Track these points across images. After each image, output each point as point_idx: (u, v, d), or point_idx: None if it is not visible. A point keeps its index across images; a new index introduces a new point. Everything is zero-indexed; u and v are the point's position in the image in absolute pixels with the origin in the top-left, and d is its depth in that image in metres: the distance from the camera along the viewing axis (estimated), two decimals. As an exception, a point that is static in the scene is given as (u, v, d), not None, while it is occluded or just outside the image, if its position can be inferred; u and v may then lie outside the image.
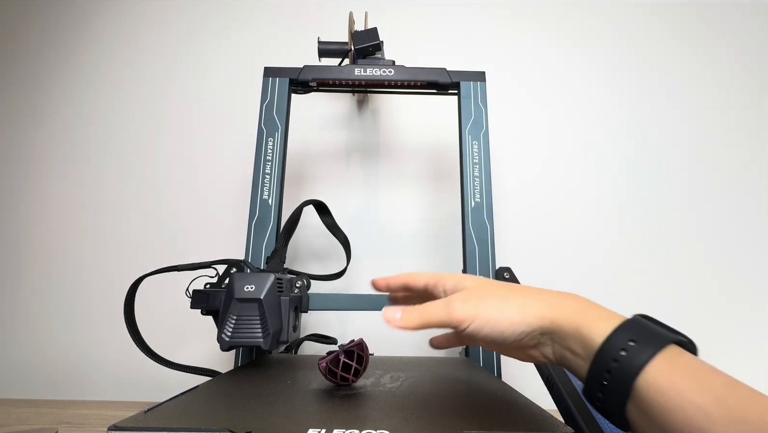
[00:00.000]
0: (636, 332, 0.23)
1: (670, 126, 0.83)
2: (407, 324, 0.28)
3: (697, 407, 0.20)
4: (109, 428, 0.21)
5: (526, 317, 0.26)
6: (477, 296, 0.27)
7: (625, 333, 0.23)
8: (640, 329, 0.23)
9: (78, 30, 0.89)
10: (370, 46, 0.63)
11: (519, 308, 0.26)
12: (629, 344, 0.22)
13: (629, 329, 0.23)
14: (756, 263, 0.78)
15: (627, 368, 0.22)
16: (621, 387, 0.22)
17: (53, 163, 0.83)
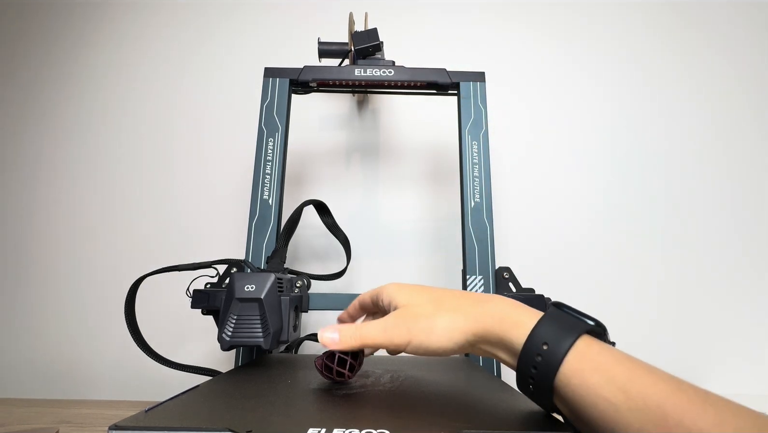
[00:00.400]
0: (548, 333, 0.24)
1: (671, 126, 0.83)
2: (345, 345, 0.30)
3: (605, 401, 0.21)
4: (110, 427, 0.21)
5: (453, 336, 0.27)
6: (407, 317, 0.29)
7: (539, 336, 0.25)
8: (551, 329, 0.25)
9: (86, 34, 0.89)
10: (370, 47, 0.63)
11: (445, 327, 0.28)
12: (543, 349, 0.24)
13: (542, 332, 0.25)
14: (757, 263, 0.78)
15: (545, 372, 0.24)
16: (544, 388, 0.24)
17: (53, 163, 0.83)
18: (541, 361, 0.24)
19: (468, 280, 0.54)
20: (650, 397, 0.20)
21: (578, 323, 0.25)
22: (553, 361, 0.23)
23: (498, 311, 0.27)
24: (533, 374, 0.24)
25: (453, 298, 0.30)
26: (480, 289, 0.53)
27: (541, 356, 0.24)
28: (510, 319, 0.27)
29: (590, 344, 0.24)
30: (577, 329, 0.24)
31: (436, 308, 0.29)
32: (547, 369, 0.24)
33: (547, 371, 0.24)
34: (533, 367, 0.24)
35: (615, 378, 0.22)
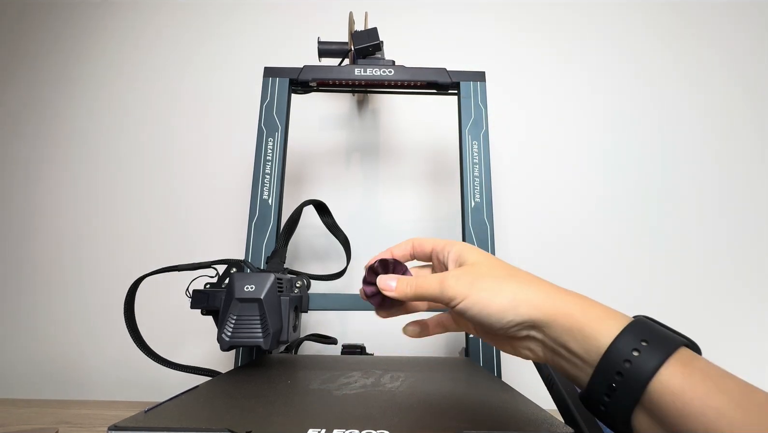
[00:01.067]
0: (646, 333, 0.21)
1: (671, 127, 0.83)
2: (402, 294, 0.28)
3: (716, 412, 0.18)
4: (110, 428, 0.21)
5: (518, 306, 0.24)
6: (473, 274, 0.26)
7: (635, 334, 0.21)
8: (649, 330, 0.22)
9: (86, 34, 0.89)
10: (370, 46, 0.63)
11: (512, 294, 0.24)
12: (642, 345, 0.21)
13: (638, 330, 0.22)
14: (758, 263, 0.78)
15: (640, 370, 0.20)
16: (632, 391, 0.20)
17: (53, 164, 0.83)
18: (630, 368, 0.21)
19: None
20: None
21: (675, 336, 0.22)
22: (648, 366, 0.20)
23: (581, 300, 0.24)
24: (616, 381, 0.21)
25: (531, 276, 0.26)
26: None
27: (629, 362, 0.21)
28: (595, 310, 0.23)
29: (693, 355, 0.21)
30: (674, 341, 0.21)
31: (509, 274, 0.26)
32: (637, 375, 0.20)
33: (637, 377, 0.20)
34: (617, 373, 0.21)
35: (728, 389, 0.19)
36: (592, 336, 0.22)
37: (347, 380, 0.36)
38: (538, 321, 0.24)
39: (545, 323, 0.24)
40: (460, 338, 0.73)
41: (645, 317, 0.23)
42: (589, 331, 0.23)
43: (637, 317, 0.23)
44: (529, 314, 0.24)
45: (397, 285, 0.28)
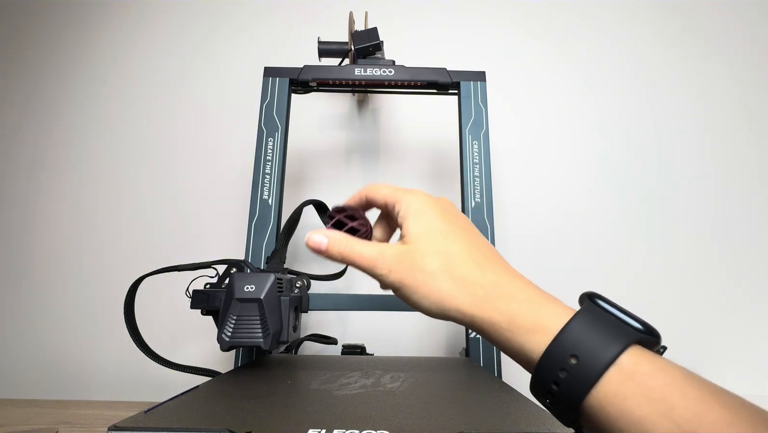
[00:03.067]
0: (579, 341, 0.19)
1: (671, 127, 0.83)
2: (330, 252, 0.25)
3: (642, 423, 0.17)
4: (110, 428, 0.21)
5: (447, 310, 0.23)
6: (411, 259, 0.24)
7: (566, 345, 0.19)
8: (584, 335, 0.19)
9: (86, 34, 0.89)
10: (370, 46, 0.63)
11: (440, 297, 0.23)
12: (570, 362, 0.19)
13: (571, 339, 0.19)
14: (754, 260, 0.78)
15: (569, 392, 0.19)
16: (566, 409, 0.19)
17: (53, 164, 0.83)
18: (566, 378, 0.19)
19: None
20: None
21: (623, 329, 0.19)
22: (584, 380, 0.18)
23: (510, 308, 0.21)
24: (553, 391, 0.19)
25: (470, 260, 0.23)
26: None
27: (566, 371, 0.19)
28: (525, 320, 0.21)
29: (639, 359, 0.18)
30: (621, 338, 0.19)
31: (444, 267, 0.23)
32: (572, 389, 0.18)
33: (572, 392, 0.18)
34: (554, 383, 0.19)
35: (674, 410, 0.17)
36: (521, 352, 0.21)
37: (347, 380, 0.36)
38: (467, 325, 0.23)
39: (473, 328, 0.23)
40: (460, 339, 0.73)
41: (590, 301, 0.21)
42: (517, 346, 0.21)
43: (579, 310, 0.20)
44: (457, 318, 0.23)
45: (328, 244, 0.26)
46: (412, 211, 0.26)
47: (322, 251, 0.26)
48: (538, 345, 0.20)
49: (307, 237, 0.26)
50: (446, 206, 0.26)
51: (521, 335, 0.21)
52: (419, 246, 0.24)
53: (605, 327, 0.19)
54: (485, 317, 0.22)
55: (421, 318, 0.74)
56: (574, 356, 0.19)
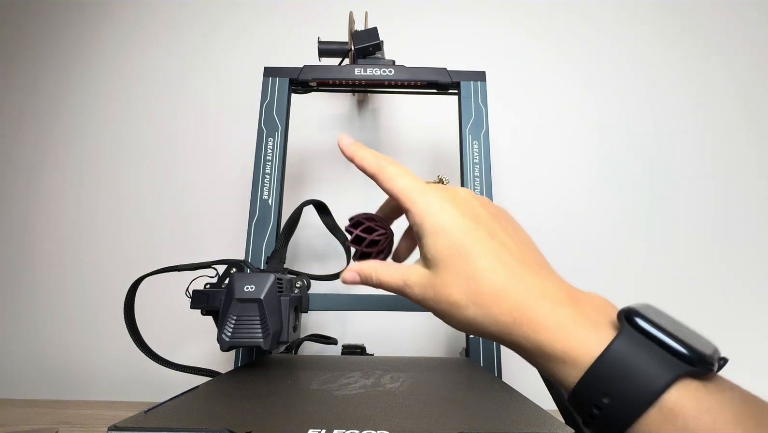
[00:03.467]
0: (614, 378, 0.17)
1: (671, 126, 0.83)
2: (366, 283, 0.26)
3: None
4: (109, 428, 0.21)
5: (477, 333, 0.22)
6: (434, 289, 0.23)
7: (598, 382, 0.17)
8: (621, 369, 0.17)
9: (86, 34, 0.89)
10: (370, 46, 0.63)
11: (470, 322, 0.22)
12: (603, 402, 0.17)
13: (604, 374, 0.17)
14: (761, 263, 0.78)
15: (603, 428, 0.17)
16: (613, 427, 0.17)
17: (54, 164, 0.83)
18: (600, 415, 0.17)
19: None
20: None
21: (667, 361, 0.17)
22: (617, 421, 0.16)
23: (537, 337, 0.19)
24: (588, 422, 0.18)
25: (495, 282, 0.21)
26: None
27: (599, 408, 0.17)
28: (553, 350, 0.19)
29: (685, 397, 0.16)
30: (663, 374, 0.16)
31: (468, 295, 0.21)
32: (606, 426, 0.17)
33: (606, 429, 0.17)
34: (589, 415, 0.17)
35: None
36: (555, 378, 0.19)
37: (347, 380, 0.36)
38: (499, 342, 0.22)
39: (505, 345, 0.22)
40: (460, 339, 0.73)
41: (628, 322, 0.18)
42: (549, 372, 0.20)
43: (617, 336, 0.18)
44: (487, 337, 0.22)
45: (361, 279, 0.26)
46: (428, 225, 0.23)
47: (359, 283, 0.27)
48: (569, 377, 0.18)
49: (342, 277, 0.27)
50: (469, 209, 0.23)
51: (551, 364, 0.19)
52: (440, 274, 0.22)
53: (645, 359, 0.17)
54: (514, 342, 0.21)
55: (421, 318, 0.74)
56: (607, 395, 0.17)
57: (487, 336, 0.22)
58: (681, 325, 0.19)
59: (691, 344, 0.17)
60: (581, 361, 0.18)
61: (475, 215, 0.23)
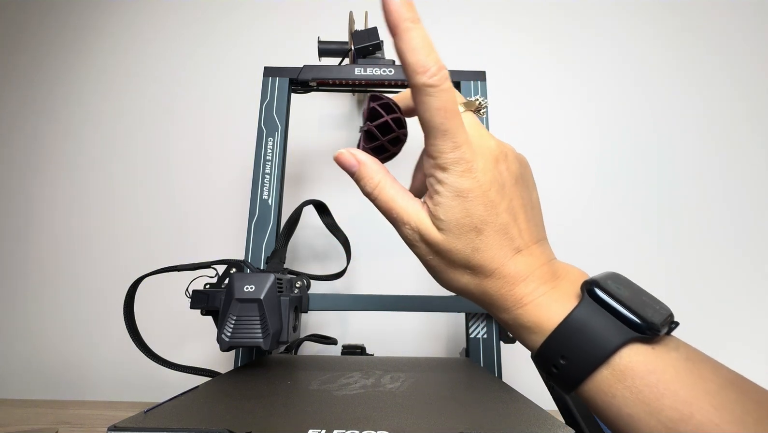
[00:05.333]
0: (570, 343, 0.19)
1: (672, 126, 0.83)
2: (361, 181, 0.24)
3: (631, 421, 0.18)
4: (109, 428, 0.21)
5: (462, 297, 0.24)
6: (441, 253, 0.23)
7: (556, 346, 0.20)
8: (576, 336, 0.19)
9: (83, 33, 0.88)
10: (370, 46, 0.63)
11: (461, 288, 0.24)
12: (560, 362, 0.20)
13: (560, 340, 0.20)
14: (755, 258, 0.78)
15: (562, 384, 0.20)
16: (562, 391, 0.21)
17: (53, 163, 0.83)
18: (557, 374, 0.20)
19: (468, 280, 0.54)
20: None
21: (617, 327, 0.19)
22: (571, 379, 0.19)
23: (517, 315, 0.22)
24: (552, 375, 0.21)
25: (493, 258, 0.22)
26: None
27: (556, 368, 0.20)
28: (528, 322, 0.22)
29: (634, 359, 0.19)
30: (613, 338, 0.19)
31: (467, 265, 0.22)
32: (562, 384, 0.20)
33: (562, 386, 0.20)
34: (548, 373, 0.21)
35: (662, 412, 0.17)
36: (528, 347, 0.23)
37: (347, 380, 0.36)
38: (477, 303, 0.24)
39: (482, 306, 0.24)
40: (460, 339, 0.73)
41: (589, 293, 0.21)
42: (524, 342, 0.23)
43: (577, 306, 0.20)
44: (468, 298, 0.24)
45: (360, 170, 0.24)
46: (453, 184, 0.22)
47: (353, 173, 0.24)
48: (535, 343, 0.21)
49: (338, 153, 0.24)
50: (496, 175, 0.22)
51: (523, 331, 0.22)
52: (449, 239, 0.22)
53: (599, 326, 0.19)
54: (494, 310, 0.23)
55: (421, 318, 0.74)
56: (564, 357, 0.20)
57: (468, 298, 0.24)
58: (640, 294, 0.21)
59: (641, 312, 0.19)
60: (545, 328, 0.21)
61: (501, 184, 0.23)
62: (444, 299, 0.52)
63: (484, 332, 0.52)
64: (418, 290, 0.76)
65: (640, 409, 0.18)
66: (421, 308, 0.53)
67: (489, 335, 0.52)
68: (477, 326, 0.52)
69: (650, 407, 0.18)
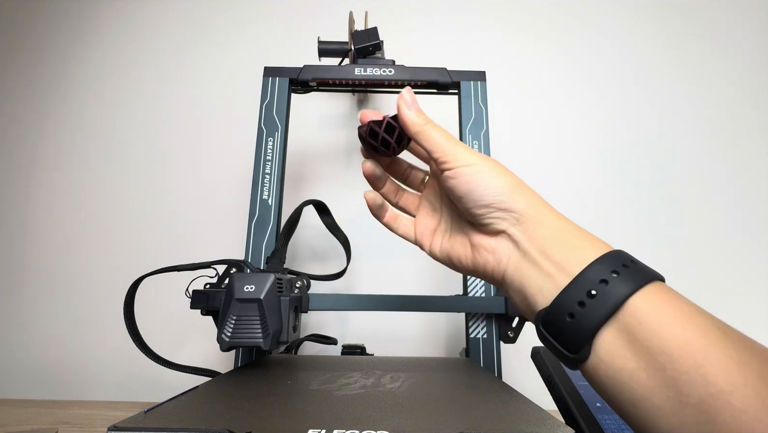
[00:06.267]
0: (627, 262, 0.22)
1: (673, 125, 0.83)
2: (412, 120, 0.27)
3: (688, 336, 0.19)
4: (109, 428, 0.21)
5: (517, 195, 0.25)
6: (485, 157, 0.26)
7: (617, 258, 0.22)
8: (630, 260, 0.22)
9: (81, 30, 0.88)
10: (370, 46, 0.63)
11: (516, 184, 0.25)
12: (623, 268, 0.21)
13: (621, 257, 0.22)
14: (762, 259, 0.78)
15: (596, 309, 0.21)
16: (607, 304, 0.20)
17: (53, 163, 0.83)
18: (594, 299, 0.21)
19: (468, 280, 0.54)
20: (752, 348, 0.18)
21: (651, 271, 0.22)
22: (622, 288, 0.20)
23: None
24: (592, 293, 0.21)
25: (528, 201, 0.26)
26: (481, 291, 0.53)
27: (596, 290, 0.21)
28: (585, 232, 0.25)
29: (669, 289, 0.21)
30: (653, 273, 0.21)
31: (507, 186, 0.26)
32: (614, 292, 0.20)
33: (614, 292, 0.20)
34: (579, 303, 0.21)
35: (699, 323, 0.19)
36: (581, 247, 0.23)
37: (347, 380, 0.36)
38: (530, 217, 0.25)
39: (538, 220, 0.24)
40: (460, 339, 0.73)
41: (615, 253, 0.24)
42: (579, 242, 0.24)
43: (604, 255, 0.23)
44: (524, 207, 0.25)
45: (412, 111, 0.28)
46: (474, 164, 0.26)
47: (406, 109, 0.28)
48: (596, 250, 0.23)
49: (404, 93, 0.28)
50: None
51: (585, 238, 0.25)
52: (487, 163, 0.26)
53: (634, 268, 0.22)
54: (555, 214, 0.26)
55: (421, 318, 0.74)
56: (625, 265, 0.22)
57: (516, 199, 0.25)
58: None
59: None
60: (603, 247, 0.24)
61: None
62: (444, 299, 0.52)
63: (484, 332, 0.52)
64: (418, 290, 0.76)
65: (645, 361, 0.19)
66: (421, 308, 0.53)
67: (489, 335, 0.52)
68: (477, 326, 0.52)
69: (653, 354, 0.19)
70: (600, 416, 0.34)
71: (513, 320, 0.52)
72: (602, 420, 0.34)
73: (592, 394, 0.36)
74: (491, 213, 0.25)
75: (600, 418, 0.34)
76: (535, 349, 0.43)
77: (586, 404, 0.35)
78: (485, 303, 0.52)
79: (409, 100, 0.28)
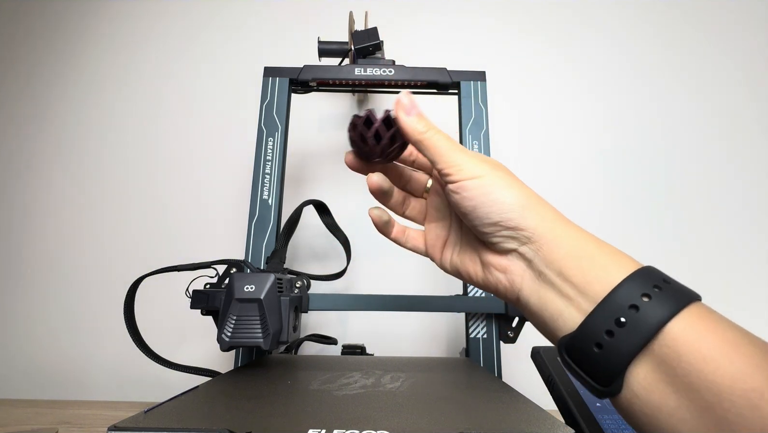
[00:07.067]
0: (659, 281, 0.19)
1: (674, 125, 0.83)
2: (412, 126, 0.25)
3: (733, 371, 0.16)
4: (109, 428, 0.21)
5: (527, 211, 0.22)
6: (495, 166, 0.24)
7: (648, 278, 0.19)
8: (662, 278, 0.20)
9: (78, 30, 0.89)
10: (370, 46, 0.63)
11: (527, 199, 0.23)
12: (654, 291, 0.19)
13: (651, 275, 0.20)
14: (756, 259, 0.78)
15: (649, 315, 0.18)
16: (641, 332, 0.18)
17: (53, 163, 0.83)
18: (624, 328, 0.18)
19: (468, 280, 0.54)
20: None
21: (689, 290, 0.19)
22: (657, 313, 0.18)
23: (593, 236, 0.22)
24: (622, 320, 0.18)
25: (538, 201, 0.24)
26: (481, 291, 0.53)
27: (626, 318, 0.18)
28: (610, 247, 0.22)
29: (708, 311, 0.19)
30: (689, 294, 0.19)
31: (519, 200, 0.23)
32: (647, 319, 0.18)
33: (647, 320, 0.18)
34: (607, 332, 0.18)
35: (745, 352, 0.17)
36: (604, 266, 0.21)
37: (347, 380, 0.36)
38: (543, 235, 0.22)
39: (552, 237, 0.22)
40: (460, 339, 0.73)
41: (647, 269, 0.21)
42: (602, 260, 0.21)
43: (637, 271, 0.21)
44: (536, 225, 0.22)
45: (413, 116, 0.25)
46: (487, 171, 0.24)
47: (409, 111, 0.25)
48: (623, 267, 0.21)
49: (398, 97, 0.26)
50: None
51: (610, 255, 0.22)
52: (495, 174, 0.23)
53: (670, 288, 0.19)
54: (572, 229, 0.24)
55: (421, 318, 0.74)
56: (657, 287, 0.19)
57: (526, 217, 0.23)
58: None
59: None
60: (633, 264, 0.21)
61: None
62: (444, 299, 0.52)
63: (484, 332, 0.52)
64: (418, 290, 0.76)
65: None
66: (421, 308, 0.53)
67: (489, 335, 0.52)
68: (477, 326, 0.52)
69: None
70: (600, 416, 0.34)
71: (513, 320, 0.52)
72: (602, 420, 0.34)
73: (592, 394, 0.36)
74: (499, 232, 0.23)
75: (600, 418, 0.34)
76: (535, 349, 0.43)
77: (586, 404, 0.35)
78: (485, 303, 0.52)
79: (407, 105, 0.25)
